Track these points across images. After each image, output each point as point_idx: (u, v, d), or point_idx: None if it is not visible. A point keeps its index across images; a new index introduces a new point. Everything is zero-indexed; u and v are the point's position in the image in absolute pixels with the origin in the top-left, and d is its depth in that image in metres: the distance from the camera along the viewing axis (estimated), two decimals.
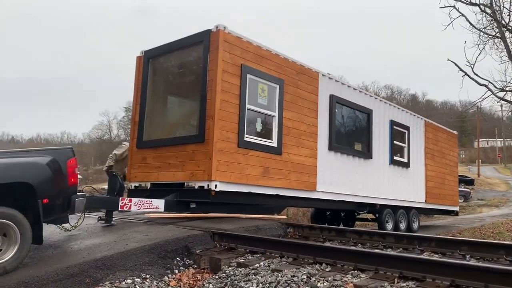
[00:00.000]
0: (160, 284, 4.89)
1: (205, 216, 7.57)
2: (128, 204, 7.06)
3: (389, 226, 11.77)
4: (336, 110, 10.02)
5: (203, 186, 7.29)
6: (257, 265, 4.73)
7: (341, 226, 13.64)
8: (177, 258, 5.48)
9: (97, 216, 6.93)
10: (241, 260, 5.08)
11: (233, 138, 7.59)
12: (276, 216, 8.69)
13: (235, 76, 7.67)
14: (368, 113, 11.09)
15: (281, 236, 6.70)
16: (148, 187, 8.33)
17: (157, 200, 7.38)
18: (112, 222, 7.04)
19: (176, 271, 5.26)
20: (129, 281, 4.78)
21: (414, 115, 13.46)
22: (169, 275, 5.12)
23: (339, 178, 9.95)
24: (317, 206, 10.84)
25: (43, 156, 5.36)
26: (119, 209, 6.98)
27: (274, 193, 8.36)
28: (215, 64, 7.41)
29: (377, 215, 11.69)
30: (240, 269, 4.79)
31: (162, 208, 7.36)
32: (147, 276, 4.99)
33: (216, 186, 7.23)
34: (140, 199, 7.22)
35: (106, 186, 9.71)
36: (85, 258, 5.01)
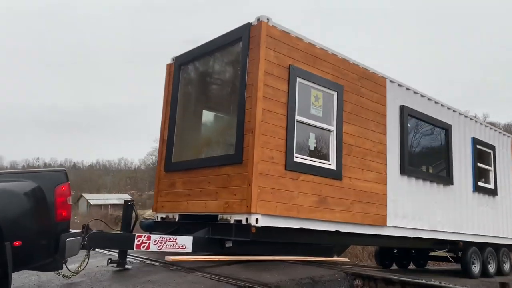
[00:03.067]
0: None
1: (243, 259, 5.88)
2: (146, 243, 5.53)
3: (476, 268, 9.45)
4: (409, 125, 8.10)
5: (241, 220, 5.63)
6: None
7: (412, 266, 11.42)
8: None
9: (108, 259, 5.44)
10: None
11: (279, 159, 5.92)
12: (336, 258, 6.84)
13: (281, 80, 6.06)
14: (446, 128, 9.05)
15: None
16: (176, 219, 6.80)
17: (184, 237, 5.81)
18: (126, 266, 5.52)
19: None
20: None
21: (500, 132, 11.16)
22: None
23: (414, 210, 7.93)
24: (387, 245, 8.82)
25: (21, 181, 3.97)
26: (135, 249, 5.46)
27: (334, 229, 6.54)
28: (255, 65, 5.85)
29: (459, 253, 9.43)
30: None
31: (189, 248, 5.77)
32: None
33: (257, 220, 5.55)
34: (162, 235, 5.67)
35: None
36: None
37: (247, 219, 5.55)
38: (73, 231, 4.46)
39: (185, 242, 5.76)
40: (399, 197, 7.64)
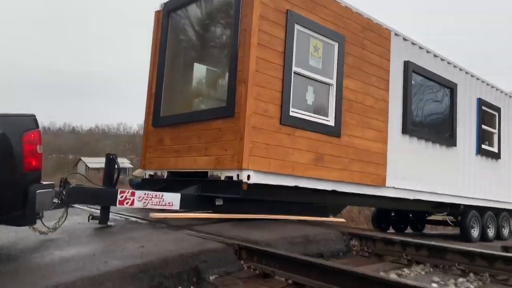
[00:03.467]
0: None
1: (234, 217, 5.56)
2: (129, 199, 5.18)
3: (475, 232, 9.23)
4: (413, 82, 7.63)
5: (232, 177, 5.27)
6: None
7: (409, 230, 11.23)
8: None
9: (89, 215, 5.10)
10: None
11: (274, 112, 5.50)
12: (332, 218, 6.53)
13: (278, 26, 5.55)
14: (452, 87, 8.58)
15: (341, 253, 4.55)
16: (165, 177, 6.44)
17: (171, 194, 5.45)
18: (109, 223, 5.19)
19: None
20: None
21: (506, 94, 10.69)
22: None
23: (415, 171, 7.59)
24: (385, 207, 8.54)
25: None
26: (117, 205, 5.12)
27: (330, 189, 6.20)
28: (250, 8, 5.33)
29: (459, 217, 9.17)
30: None
31: (177, 205, 5.43)
32: None
33: (249, 177, 5.19)
34: (148, 192, 5.31)
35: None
36: (33, 285, 3.15)
37: (238, 175, 5.19)
38: (45, 182, 4.09)
39: (173, 199, 5.41)
40: (400, 157, 7.27)
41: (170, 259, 3.62)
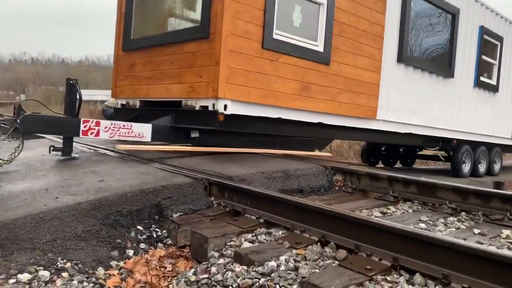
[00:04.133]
0: (88, 280, 2.58)
1: (210, 150, 5.14)
2: (94, 129, 4.71)
3: (466, 167, 8.98)
4: (412, 5, 6.93)
5: (207, 107, 4.78)
6: (273, 263, 2.27)
7: (399, 165, 11.02)
8: (138, 227, 3.13)
9: (50, 146, 4.65)
10: (246, 244, 2.65)
11: (255, 34, 4.89)
12: (318, 153, 6.16)
13: None
14: (454, 13, 7.88)
15: (323, 189, 4.19)
16: (137, 106, 5.93)
17: (141, 124, 4.98)
18: (73, 154, 4.76)
19: (131, 253, 2.93)
20: (27, 275, 2.50)
21: (511, 23, 9.98)
22: (115, 262, 2.81)
23: (409, 102, 7.13)
24: (374, 140, 8.16)
25: None
26: (81, 135, 4.66)
27: (316, 121, 5.75)
28: None
29: (451, 153, 8.88)
30: (238, 266, 2.37)
31: (147, 137, 4.98)
32: (71, 263, 2.69)
33: (225, 107, 4.69)
34: (115, 122, 4.83)
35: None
36: None
37: (214, 105, 4.69)
38: None
39: (143, 130, 4.95)
40: (393, 88, 6.78)
41: (129, 195, 3.22)
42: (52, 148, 4.64)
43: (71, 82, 4.66)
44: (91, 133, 4.70)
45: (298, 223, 2.77)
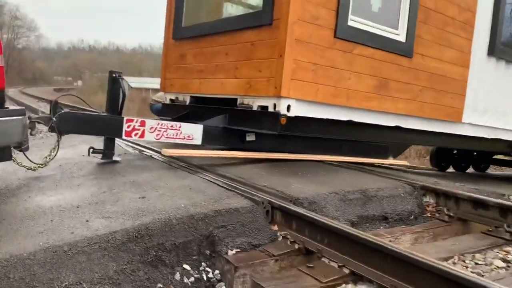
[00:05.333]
0: None
1: (269, 157, 4.42)
2: (139, 130, 4.11)
3: None
4: None
5: (267, 107, 4.04)
6: None
7: (471, 170, 9.81)
8: (184, 266, 2.47)
9: (89, 147, 4.11)
10: None
11: (326, 20, 4.08)
12: (393, 161, 5.28)
13: None
14: None
15: (413, 215, 3.35)
16: (187, 103, 5.30)
17: (191, 125, 4.34)
18: (114, 158, 4.20)
19: None
20: None
21: None
22: None
23: (498, 103, 6.04)
24: (456, 147, 7.13)
25: None
26: (124, 136, 4.08)
27: (393, 124, 4.88)
28: None
29: None
30: None
31: (198, 139, 4.33)
32: None
33: (289, 107, 3.94)
34: (162, 121, 4.22)
35: None
36: None
37: (275, 105, 3.95)
38: (12, 107, 3.04)
39: (193, 131, 4.30)
40: (482, 86, 5.73)
41: (174, 222, 2.56)
42: (91, 150, 4.10)
43: (114, 75, 4.08)
44: (135, 134, 4.11)
45: (402, 283, 1.99)
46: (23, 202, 3.05)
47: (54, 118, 3.74)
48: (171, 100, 5.61)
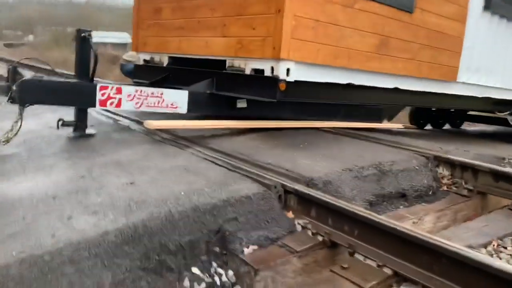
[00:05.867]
0: None
1: (265, 126, 4.02)
2: (115, 98, 3.57)
3: None
4: None
5: (263, 71, 3.58)
6: None
7: (447, 126, 9.81)
8: (193, 270, 2.09)
9: (58, 119, 3.55)
10: None
11: None
12: (388, 124, 5.00)
13: None
14: None
15: (431, 190, 3.08)
16: (165, 64, 4.73)
17: (175, 91, 3.83)
18: (88, 131, 3.67)
19: None
20: None
21: None
22: None
23: (489, 61, 5.81)
24: (448, 107, 6.95)
25: None
26: (98, 106, 3.54)
27: (392, 86, 4.54)
28: None
29: None
30: None
31: (183, 108, 3.85)
32: None
33: (288, 71, 3.50)
34: (141, 88, 3.68)
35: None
36: None
37: (272, 68, 3.49)
38: None
39: (177, 98, 3.80)
40: (477, 42, 5.45)
41: (177, 217, 2.15)
42: (61, 123, 3.55)
43: (83, 35, 3.47)
44: (111, 104, 3.57)
45: (457, 286, 1.70)
46: None
47: (14, 87, 3.15)
48: (145, 61, 5.01)
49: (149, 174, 2.70)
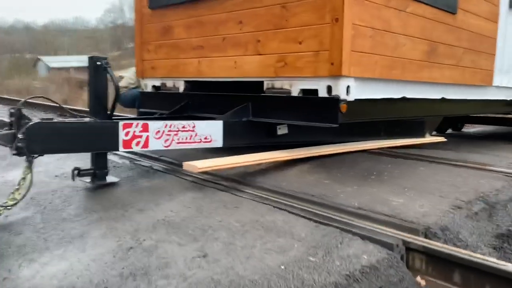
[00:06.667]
0: None
1: (318, 154, 3.46)
2: (141, 137, 2.93)
3: None
4: None
5: (315, 91, 3.03)
6: None
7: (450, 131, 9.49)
8: None
9: (73, 168, 2.87)
10: None
11: None
12: (430, 138, 4.53)
13: None
14: None
15: None
16: (181, 90, 4.11)
17: (206, 122, 3.22)
18: (109, 179, 3.02)
19: None
20: None
21: None
22: None
23: None
24: (481, 113, 6.56)
25: None
26: (121, 149, 2.88)
27: (439, 97, 4.08)
28: None
29: None
30: None
31: (218, 140, 3.23)
32: None
33: (348, 89, 2.96)
34: (170, 122, 3.05)
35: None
36: None
37: (329, 87, 2.94)
38: None
39: (211, 130, 3.19)
40: (507, 42, 5.10)
41: None
42: (77, 173, 2.88)
43: (98, 63, 2.83)
44: (137, 144, 2.93)
45: None
46: None
47: (20, 135, 2.47)
48: (155, 87, 4.37)
49: (220, 239, 2.08)
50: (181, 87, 4.07)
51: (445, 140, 4.50)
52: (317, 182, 2.87)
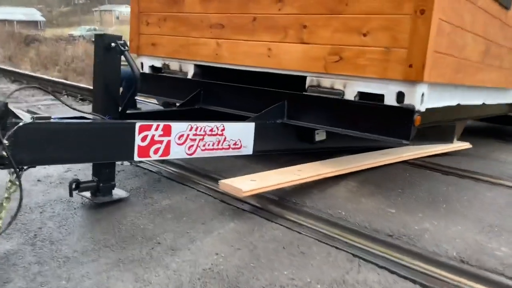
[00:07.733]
0: None
1: (359, 168, 2.92)
2: (161, 142, 2.26)
3: None
4: None
5: (381, 97, 2.46)
6: None
7: None
8: None
9: (71, 181, 2.17)
10: None
11: None
12: (458, 144, 4.12)
13: None
14: None
15: None
16: (189, 75, 3.39)
17: (238, 125, 2.59)
18: (116, 194, 2.34)
19: None
20: None
21: None
22: None
23: None
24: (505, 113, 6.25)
25: None
26: (137, 158, 2.20)
27: (480, 102, 3.65)
28: None
29: None
30: None
31: (248, 147, 2.62)
32: None
33: (422, 97, 2.42)
34: (196, 124, 2.38)
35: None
36: None
37: (402, 94, 2.38)
38: None
39: (242, 134, 2.57)
40: None
41: None
42: (77, 187, 2.17)
43: (113, 44, 2.09)
44: (155, 151, 2.25)
45: None
46: None
47: (5, 140, 1.73)
48: (153, 68, 3.61)
49: None
50: (190, 71, 3.36)
51: (470, 146, 4.12)
52: (379, 211, 2.35)
